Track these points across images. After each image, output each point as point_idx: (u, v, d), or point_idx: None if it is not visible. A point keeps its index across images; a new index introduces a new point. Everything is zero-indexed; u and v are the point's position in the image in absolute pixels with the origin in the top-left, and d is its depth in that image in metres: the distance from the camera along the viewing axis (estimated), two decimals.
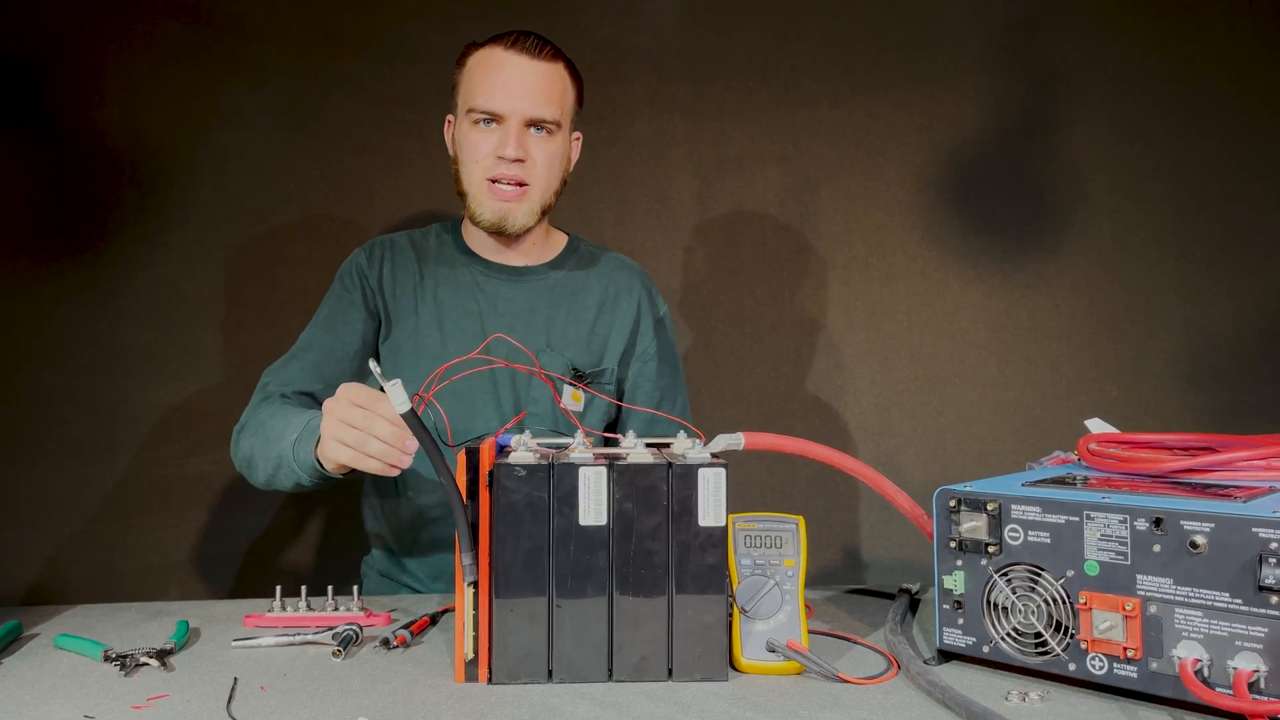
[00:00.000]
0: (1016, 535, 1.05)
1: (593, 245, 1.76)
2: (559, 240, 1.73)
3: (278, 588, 1.31)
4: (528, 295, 1.64)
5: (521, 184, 1.55)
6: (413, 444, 1.15)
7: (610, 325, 1.67)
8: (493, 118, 1.53)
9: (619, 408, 1.66)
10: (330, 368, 1.55)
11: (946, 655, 1.13)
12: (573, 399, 1.59)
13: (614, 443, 1.15)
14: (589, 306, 1.66)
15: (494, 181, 1.54)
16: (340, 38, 2.27)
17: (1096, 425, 1.34)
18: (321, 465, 1.25)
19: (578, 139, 1.68)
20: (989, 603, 1.07)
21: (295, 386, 1.52)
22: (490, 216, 1.56)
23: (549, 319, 1.63)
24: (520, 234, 1.60)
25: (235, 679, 1.08)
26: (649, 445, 1.17)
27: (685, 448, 1.12)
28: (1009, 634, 1.06)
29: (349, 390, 1.18)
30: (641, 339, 1.69)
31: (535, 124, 1.54)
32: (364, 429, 1.16)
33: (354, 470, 1.24)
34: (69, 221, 2.20)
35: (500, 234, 1.60)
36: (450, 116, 1.63)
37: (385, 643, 1.17)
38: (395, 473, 1.18)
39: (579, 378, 1.60)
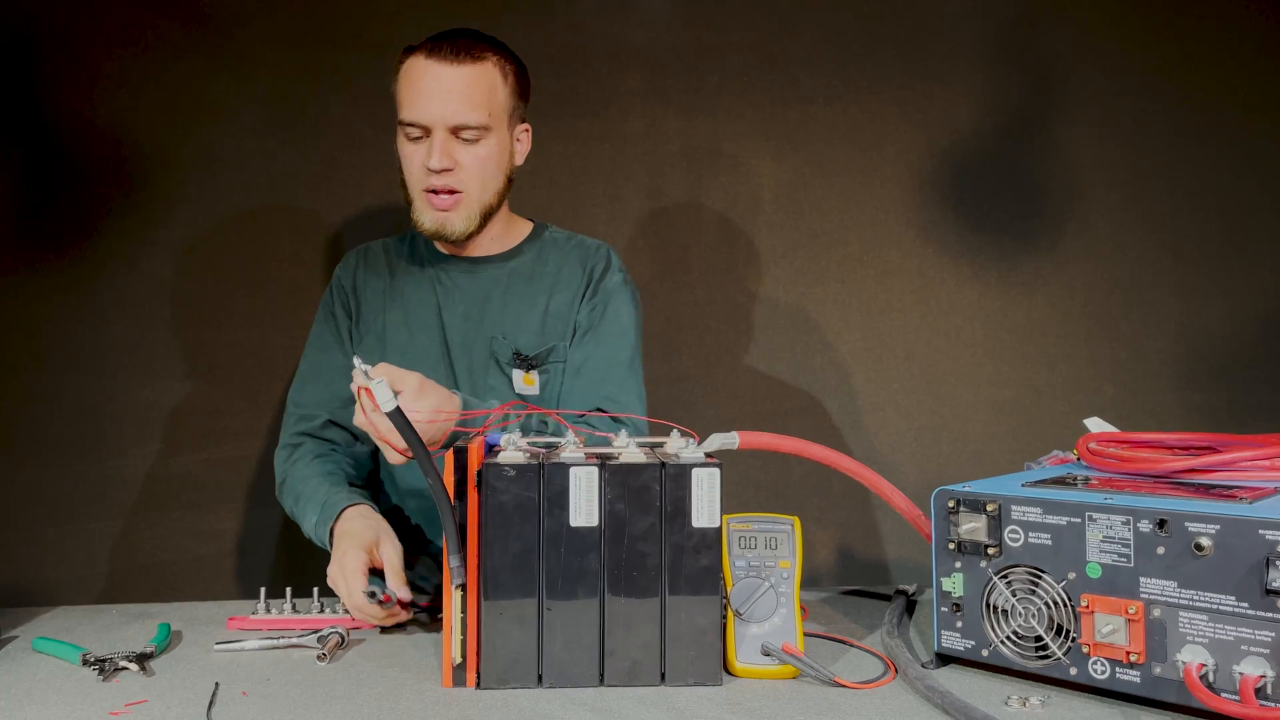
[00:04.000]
0: (1017, 537, 1.03)
1: (560, 232, 1.72)
2: (522, 230, 1.70)
3: (262, 589, 1.29)
4: (483, 284, 1.63)
5: (455, 192, 1.53)
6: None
7: (560, 305, 1.63)
8: (419, 129, 1.51)
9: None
10: (340, 385, 1.60)
11: (944, 659, 1.11)
12: (525, 382, 1.57)
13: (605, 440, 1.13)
14: (542, 290, 1.63)
15: (431, 192, 1.53)
16: (330, 32, 2.25)
17: (1096, 424, 1.32)
18: None
19: (526, 131, 1.64)
20: (988, 605, 1.05)
21: (320, 418, 1.61)
22: (429, 226, 1.55)
23: (503, 305, 1.62)
24: (465, 238, 1.58)
25: (216, 684, 1.05)
26: (641, 445, 1.15)
27: (679, 447, 1.10)
28: (1009, 637, 1.04)
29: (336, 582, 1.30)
30: (580, 312, 1.64)
31: (461, 130, 1.51)
32: (344, 596, 1.29)
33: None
34: (54, 218, 2.17)
35: (443, 240, 1.59)
36: None
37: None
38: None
39: (524, 363, 1.57)
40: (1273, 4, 2.38)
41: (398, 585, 1.27)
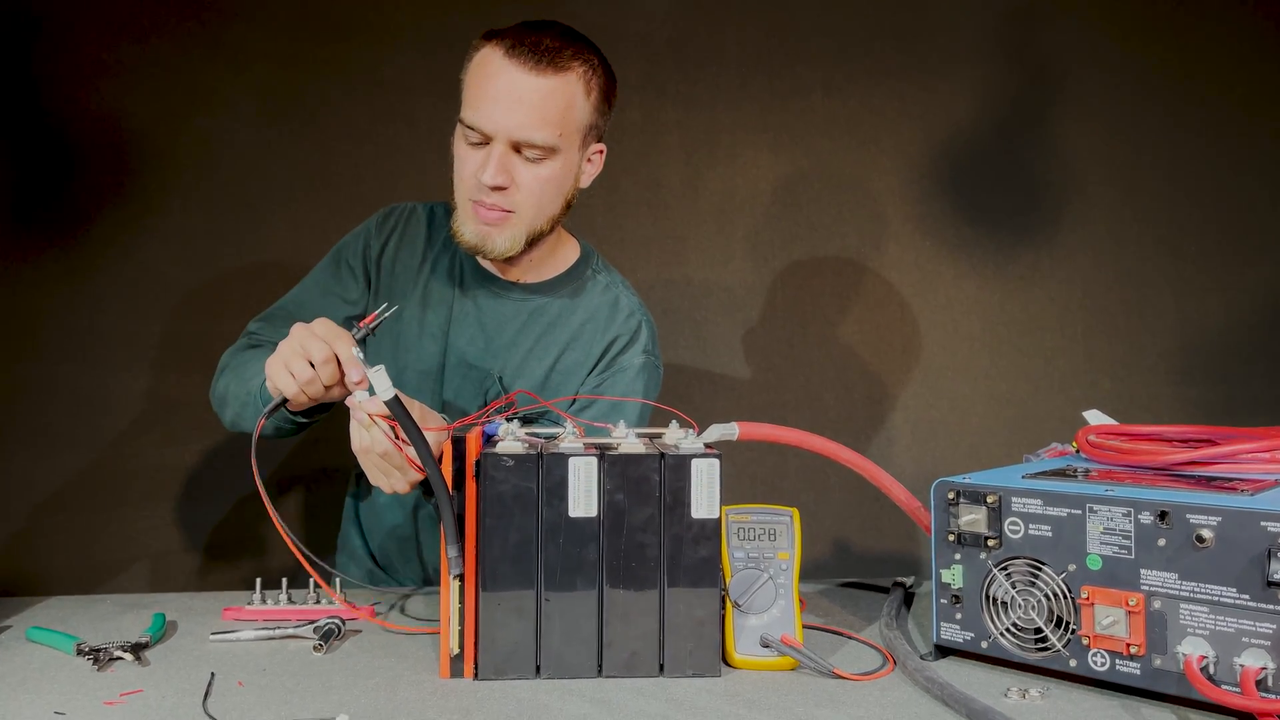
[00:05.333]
0: (1017, 528, 1.02)
1: (603, 273, 1.56)
2: (565, 258, 1.55)
3: (258, 580, 1.28)
4: (502, 313, 1.50)
5: (505, 210, 1.38)
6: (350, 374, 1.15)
7: (569, 364, 1.49)
8: (479, 134, 1.35)
9: None
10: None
11: (943, 651, 1.10)
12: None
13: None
14: (556, 343, 1.49)
15: (478, 203, 1.38)
16: (326, 21, 2.23)
17: (1095, 417, 1.32)
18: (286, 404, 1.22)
19: (600, 152, 1.47)
20: (988, 597, 1.05)
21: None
22: (469, 239, 1.40)
23: (513, 343, 1.49)
24: (505, 259, 1.44)
25: (212, 674, 1.04)
26: (640, 435, 1.14)
27: (678, 438, 1.09)
28: (1008, 629, 1.03)
29: (318, 322, 1.17)
30: (586, 384, 1.49)
31: (524, 148, 1.35)
32: (302, 344, 1.15)
33: (310, 418, 1.30)
34: (49, 207, 2.16)
35: (481, 256, 1.46)
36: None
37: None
38: (304, 401, 1.18)
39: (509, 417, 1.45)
40: (1271, 1, 2.38)
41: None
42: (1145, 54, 2.38)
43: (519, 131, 1.33)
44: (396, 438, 1.11)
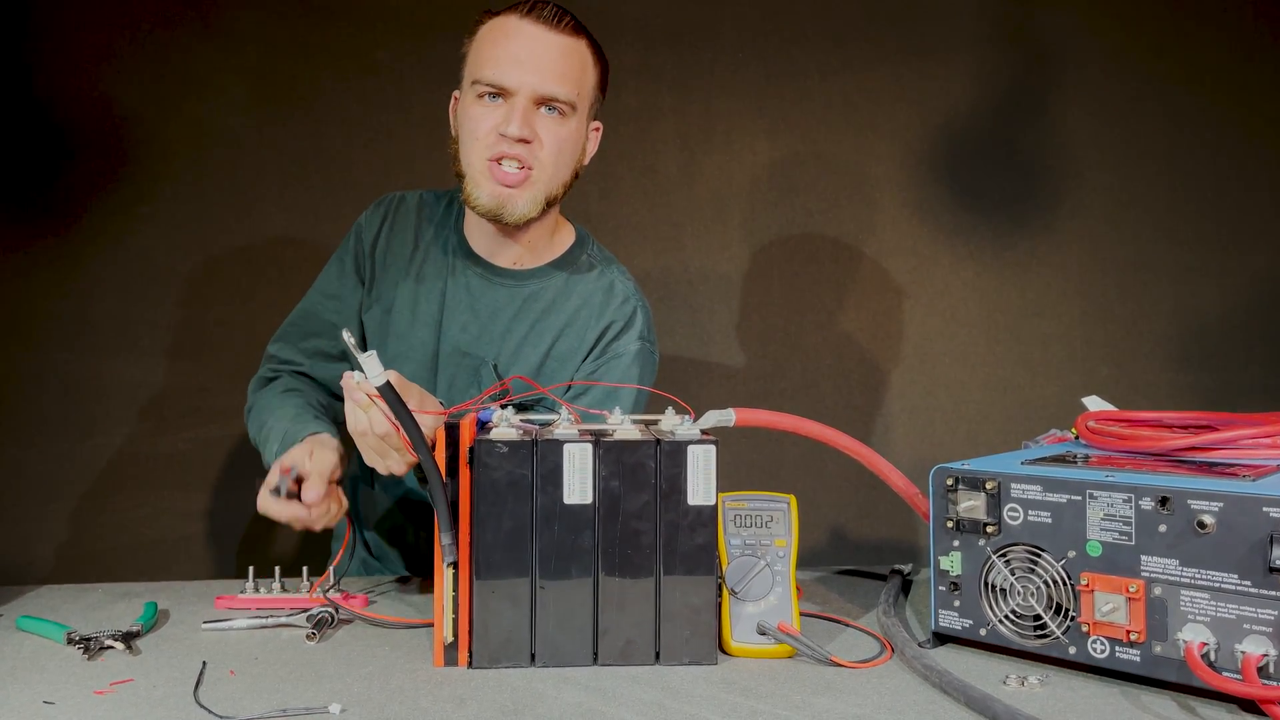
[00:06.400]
0: (1016, 515, 1.01)
1: (598, 255, 1.55)
2: (562, 241, 1.53)
3: (250, 569, 1.27)
4: (495, 299, 1.48)
5: (525, 167, 1.37)
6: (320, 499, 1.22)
7: (564, 350, 1.48)
8: (499, 92, 1.35)
9: None
10: (327, 340, 1.50)
11: (941, 638, 1.09)
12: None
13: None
14: (552, 328, 1.47)
15: (496, 162, 1.36)
16: (319, 6, 2.21)
17: (1094, 403, 1.31)
18: None
19: (597, 129, 1.49)
20: (986, 584, 1.04)
21: (294, 366, 1.51)
22: (487, 201, 1.37)
23: (508, 330, 1.47)
24: (520, 225, 1.42)
25: (204, 663, 1.04)
26: (635, 421, 1.13)
27: (674, 424, 1.08)
28: (1007, 616, 1.03)
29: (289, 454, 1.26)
30: (580, 371, 1.47)
31: (546, 102, 1.36)
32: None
33: None
34: (40, 194, 2.14)
35: (497, 222, 1.41)
36: (456, 93, 1.44)
37: None
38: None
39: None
40: None
41: (313, 486, 1.21)
42: (1143, 40, 2.37)
43: (543, 85, 1.35)
44: (399, 403, 1.08)
